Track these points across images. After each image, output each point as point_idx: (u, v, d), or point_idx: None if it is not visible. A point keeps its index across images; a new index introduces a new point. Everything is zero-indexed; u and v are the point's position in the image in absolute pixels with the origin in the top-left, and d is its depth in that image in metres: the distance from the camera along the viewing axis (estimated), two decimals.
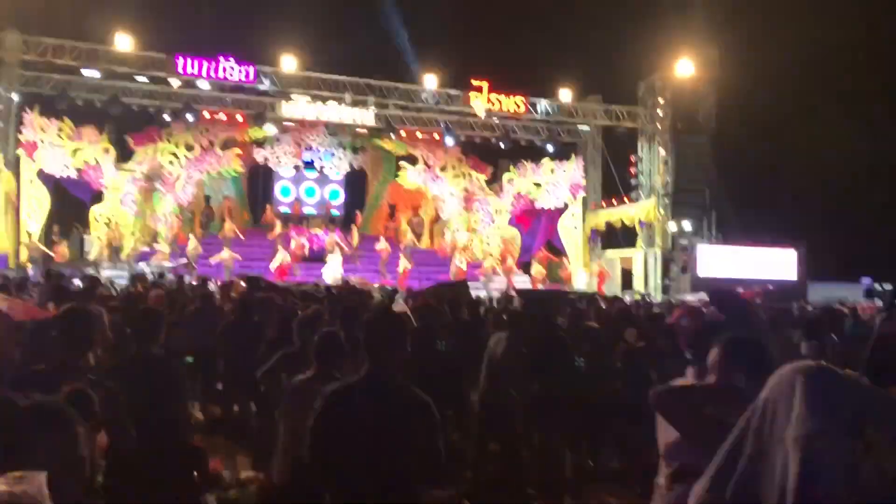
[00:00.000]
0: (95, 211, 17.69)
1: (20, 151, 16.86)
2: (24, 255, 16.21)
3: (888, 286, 16.68)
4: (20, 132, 16.91)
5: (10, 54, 16.93)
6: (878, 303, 14.40)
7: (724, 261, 18.88)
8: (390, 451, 2.25)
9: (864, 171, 20.64)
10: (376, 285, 13.28)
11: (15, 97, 17.44)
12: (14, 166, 17.00)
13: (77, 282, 9.99)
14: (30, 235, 16.49)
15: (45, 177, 17.14)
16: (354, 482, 2.21)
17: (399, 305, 7.08)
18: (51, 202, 17.17)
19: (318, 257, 17.89)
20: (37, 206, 17.00)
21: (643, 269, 18.94)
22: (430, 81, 18.56)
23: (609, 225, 19.93)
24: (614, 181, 20.63)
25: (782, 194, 21.51)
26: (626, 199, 19.94)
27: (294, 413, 3.07)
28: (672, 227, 19.10)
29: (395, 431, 2.27)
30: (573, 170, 19.73)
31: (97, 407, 1.90)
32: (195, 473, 3.41)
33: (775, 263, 19.31)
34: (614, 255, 20.05)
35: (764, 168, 21.50)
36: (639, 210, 19.25)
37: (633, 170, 20.28)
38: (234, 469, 4.94)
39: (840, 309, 8.27)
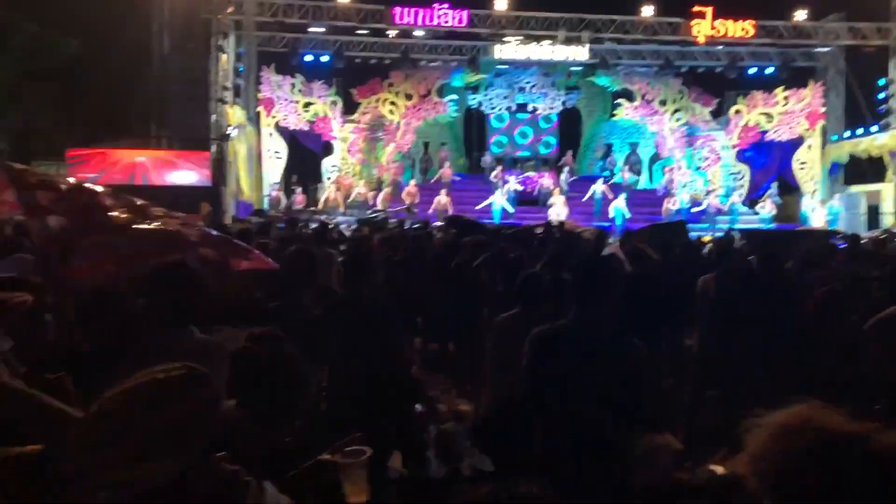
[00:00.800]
0: (327, 161, 24.09)
1: (260, 108, 23.44)
2: (265, 202, 22.75)
3: None
4: (259, 90, 23.46)
5: (247, 18, 23.43)
6: None
7: None
8: (601, 395, 2.79)
9: None
10: (592, 227, 17.08)
11: (252, 58, 24.15)
12: (255, 122, 23.73)
13: (312, 226, 13.53)
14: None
15: (281, 130, 23.69)
16: (567, 424, 2.84)
17: (612, 247, 8.51)
18: (287, 154, 23.68)
19: (533, 199, 22.92)
20: (276, 157, 23.57)
21: (894, 204, 21.95)
22: (648, 11, 22.65)
23: (853, 157, 23.17)
24: (859, 108, 23.65)
25: None
26: (875, 128, 22.89)
27: (500, 349, 3.94)
28: None
29: (605, 376, 2.78)
30: (811, 97, 23.19)
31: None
32: (417, 406, 4.34)
33: None
34: (860, 189, 23.21)
35: None
36: (889, 139, 22.21)
37: (883, 94, 23.09)
38: (450, 402, 6.19)
39: None
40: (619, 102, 24.60)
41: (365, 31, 23.89)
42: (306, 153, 24.77)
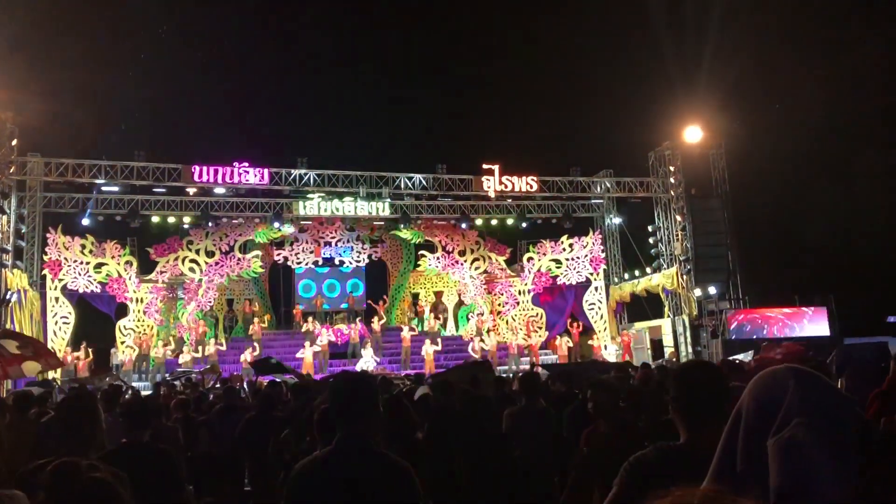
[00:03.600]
0: (121, 323, 23.40)
1: (45, 272, 22.68)
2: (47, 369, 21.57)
3: None
4: (45, 252, 22.79)
5: (33, 178, 23.08)
6: None
7: (754, 323, 24.84)
8: None
9: (885, 223, 27.25)
10: (402, 374, 18.37)
11: (38, 219, 23.54)
12: (40, 286, 22.83)
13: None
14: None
15: (69, 293, 22.92)
16: None
17: (422, 390, 8.84)
18: (75, 317, 22.83)
19: (343, 352, 23.59)
20: (63, 322, 22.65)
21: (673, 337, 24.85)
22: (443, 168, 24.99)
23: (634, 296, 26.18)
24: (634, 253, 27.10)
25: (804, 252, 28.00)
26: (648, 269, 26.16)
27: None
28: (698, 293, 25.14)
29: (371, 499, 2.72)
30: (591, 244, 26.17)
31: None
32: None
33: (806, 321, 25.33)
34: (642, 326, 26.10)
35: (782, 226, 28.10)
36: (662, 279, 25.50)
37: (651, 240, 26.59)
38: None
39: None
40: (423, 254, 26.30)
41: (161, 190, 24.08)
42: (97, 316, 23.97)
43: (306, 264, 26.61)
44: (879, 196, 27.24)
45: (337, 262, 26.84)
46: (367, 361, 22.69)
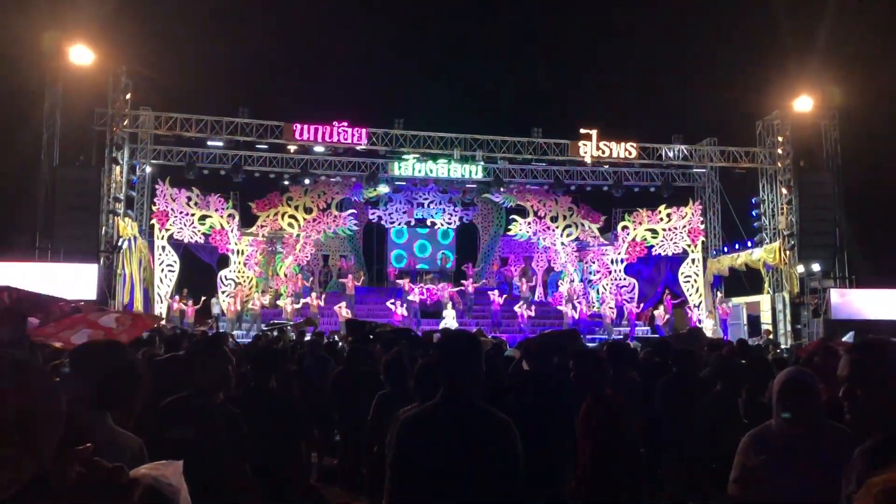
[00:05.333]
0: (222, 274, 24.71)
1: (154, 221, 24.08)
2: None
3: None
4: (153, 203, 24.19)
5: (144, 131, 24.42)
6: None
7: (859, 303, 24.06)
8: (471, 473, 2.84)
9: None
10: (490, 338, 18.54)
11: (148, 170, 24.97)
12: (148, 235, 24.28)
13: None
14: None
15: (174, 243, 24.31)
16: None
17: (510, 352, 9.11)
18: (180, 266, 24.23)
19: (433, 312, 24.21)
20: (168, 270, 24.09)
21: (771, 314, 24.35)
22: (538, 132, 25.07)
23: (732, 270, 25.67)
24: (736, 225, 26.55)
25: None
26: (749, 242, 25.62)
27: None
28: (800, 269, 24.49)
29: (476, 453, 2.86)
30: (691, 215, 25.79)
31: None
32: None
33: None
34: (740, 301, 25.61)
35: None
36: (763, 253, 24.93)
37: (755, 212, 25.99)
38: None
39: None
40: (514, 218, 26.57)
41: (264, 146, 25.14)
42: (200, 266, 25.38)
43: (399, 224, 27.35)
44: None
45: (429, 223, 27.45)
46: (449, 322, 23.22)
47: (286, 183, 25.47)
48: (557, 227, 26.46)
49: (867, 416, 2.32)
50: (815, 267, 24.82)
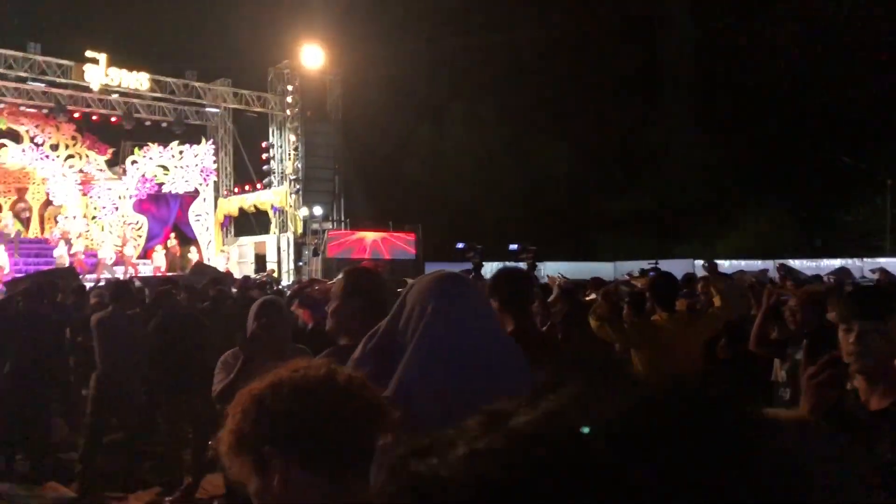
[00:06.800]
0: None
1: None
2: None
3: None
4: None
5: None
6: None
7: (351, 243, 27.27)
8: None
9: (472, 163, 31.76)
10: None
11: None
12: None
13: None
14: None
15: None
16: None
17: None
18: None
19: None
20: None
21: (276, 253, 26.19)
22: (34, 48, 22.58)
23: (242, 211, 26.80)
24: (247, 167, 27.70)
25: (399, 182, 31.44)
26: (259, 185, 27.00)
27: None
28: (304, 212, 26.73)
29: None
30: (204, 153, 26.15)
31: None
32: None
33: (397, 245, 28.56)
34: (248, 241, 26.97)
35: (386, 158, 31.12)
36: (272, 196, 26.56)
37: (264, 156, 27.43)
38: None
39: None
40: (4, 143, 23.58)
41: None
42: None
43: None
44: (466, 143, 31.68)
45: None
46: None
47: None
48: (59, 157, 24.30)
49: None
50: (318, 210, 27.34)
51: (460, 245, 20.63)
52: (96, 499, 6.59)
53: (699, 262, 15.67)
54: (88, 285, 12.94)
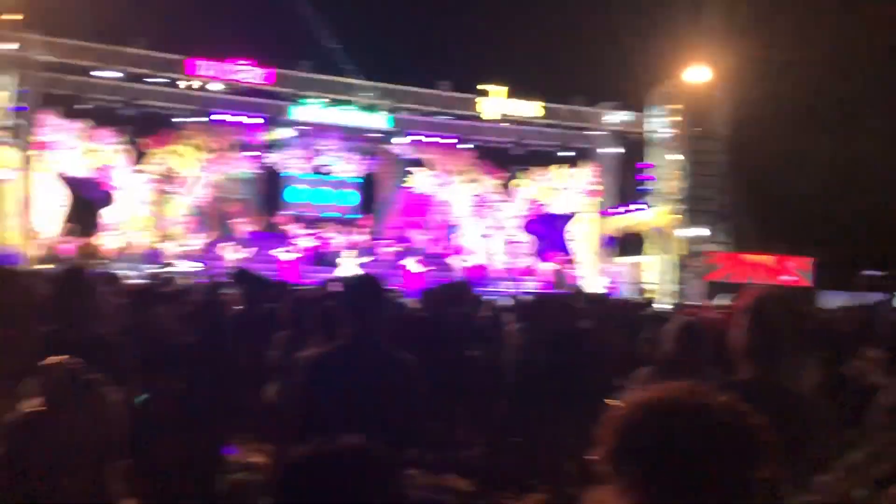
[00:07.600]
0: (106, 212, 24.20)
1: (36, 152, 23.31)
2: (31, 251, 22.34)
3: None
4: (37, 133, 23.40)
5: (30, 56, 23.41)
6: None
7: (738, 267, 25.82)
8: (377, 411, 2.87)
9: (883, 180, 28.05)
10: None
11: (33, 97, 24.07)
12: (29, 166, 23.47)
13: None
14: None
15: (59, 176, 23.62)
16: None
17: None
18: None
19: (328, 260, 24.41)
20: (59, 206, 23.42)
21: (655, 274, 25.85)
22: (445, 86, 25.51)
23: (623, 231, 26.97)
24: (628, 187, 27.76)
25: (795, 203, 28.87)
26: (638, 205, 27.00)
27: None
28: (687, 233, 26.02)
29: (382, 391, 2.99)
30: (587, 175, 26.86)
31: None
32: None
33: (786, 271, 26.32)
34: (626, 261, 27.02)
35: (779, 175, 28.86)
36: (653, 216, 26.29)
37: (644, 176, 27.36)
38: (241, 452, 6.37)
39: None
40: (414, 171, 27.07)
41: (162, 80, 24.52)
42: (82, 202, 24.66)
43: (297, 170, 27.39)
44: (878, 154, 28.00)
45: (327, 171, 27.61)
46: (347, 269, 23.56)
47: (182, 120, 25.06)
48: (459, 182, 27.11)
49: None
50: (702, 231, 26.45)
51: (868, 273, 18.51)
52: (492, 497, 6.77)
53: None
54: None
